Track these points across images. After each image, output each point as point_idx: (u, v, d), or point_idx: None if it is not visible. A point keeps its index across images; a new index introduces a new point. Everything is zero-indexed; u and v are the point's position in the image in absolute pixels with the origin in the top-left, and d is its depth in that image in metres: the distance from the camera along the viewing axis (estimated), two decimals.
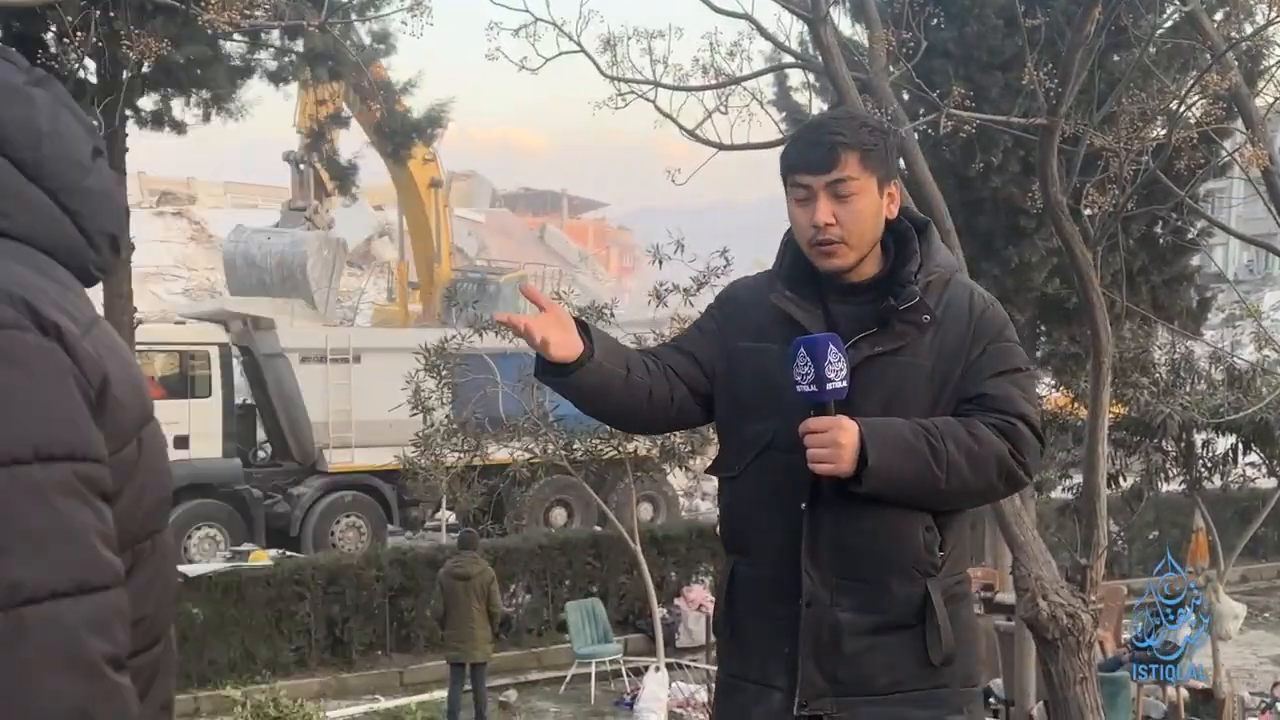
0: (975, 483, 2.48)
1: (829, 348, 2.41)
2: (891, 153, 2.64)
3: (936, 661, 2.50)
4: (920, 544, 2.50)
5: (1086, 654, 7.84)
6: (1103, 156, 8.23)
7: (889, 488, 2.43)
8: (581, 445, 10.68)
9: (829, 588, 2.51)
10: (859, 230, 2.54)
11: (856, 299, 2.61)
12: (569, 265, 41.44)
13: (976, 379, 2.55)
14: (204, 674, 12.74)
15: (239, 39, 10.63)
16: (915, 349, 2.54)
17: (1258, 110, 8.34)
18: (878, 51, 8.14)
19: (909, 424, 2.46)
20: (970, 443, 2.45)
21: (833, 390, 2.41)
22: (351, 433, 17.51)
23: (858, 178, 2.52)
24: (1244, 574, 16.06)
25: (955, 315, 2.57)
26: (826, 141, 2.54)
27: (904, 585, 2.51)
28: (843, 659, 2.50)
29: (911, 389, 2.54)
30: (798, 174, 2.56)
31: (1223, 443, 12.63)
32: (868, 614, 2.51)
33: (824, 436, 2.41)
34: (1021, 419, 2.52)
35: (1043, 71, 7.05)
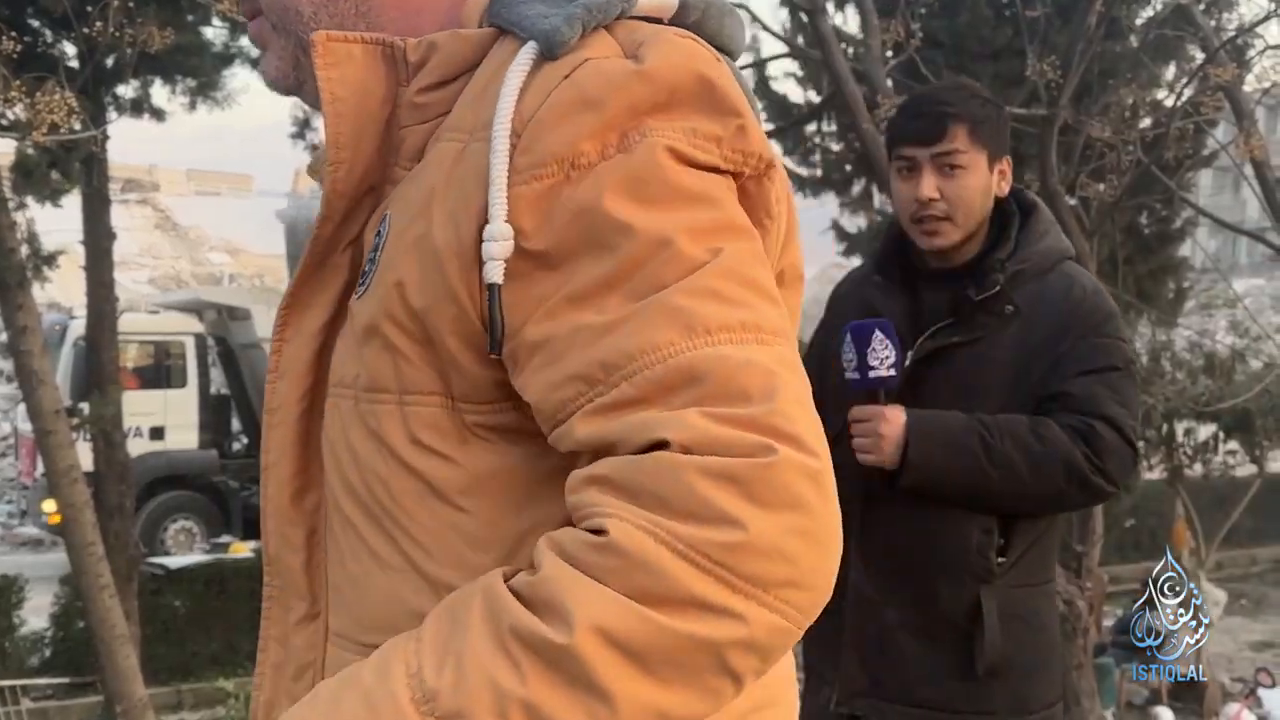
0: (1035, 486, 2.31)
1: (874, 333, 2.31)
2: (1004, 126, 2.51)
3: (980, 671, 2.34)
4: (973, 546, 2.36)
5: (1082, 640, 7.94)
6: (1094, 146, 8.31)
7: (932, 483, 2.31)
8: None
9: (877, 586, 2.42)
10: (965, 207, 2.42)
11: (947, 285, 2.47)
12: None
13: (1061, 375, 2.37)
14: (187, 666, 12.63)
15: (218, 24, 10.52)
16: (995, 341, 2.39)
17: (1249, 101, 8.41)
18: (874, 42, 8.16)
19: (966, 418, 2.33)
20: (1032, 441, 2.30)
21: (877, 379, 2.31)
22: None
23: (966, 151, 2.40)
24: (1220, 561, 16.24)
25: (1047, 307, 2.41)
26: (934, 112, 2.42)
27: (954, 589, 2.37)
28: (885, 661, 2.41)
29: (986, 383, 2.40)
30: (903, 145, 2.45)
31: (1204, 431, 12.80)
32: (915, 616, 2.41)
33: (867, 426, 2.33)
34: (1105, 421, 2.33)
35: (1045, 63, 7.08)
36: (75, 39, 8.32)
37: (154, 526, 16.10)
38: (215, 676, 11.62)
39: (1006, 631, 2.35)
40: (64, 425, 9.01)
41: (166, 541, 16.31)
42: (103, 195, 10.10)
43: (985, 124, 2.43)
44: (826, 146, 14.09)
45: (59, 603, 12.30)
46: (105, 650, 9.23)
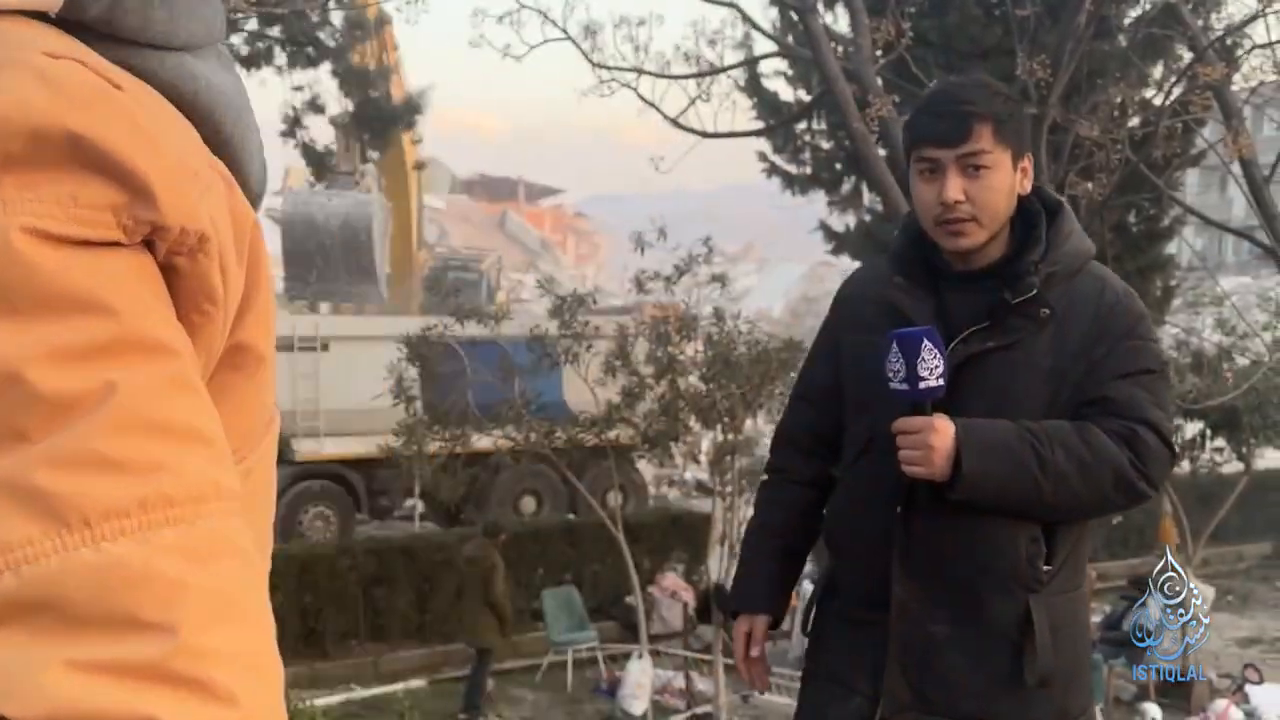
0: (1086, 494, 2.29)
1: (923, 343, 2.24)
2: (1026, 124, 2.47)
3: (1031, 682, 2.31)
4: (1022, 556, 2.32)
5: None
6: (1082, 145, 8.34)
7: (985, 495, 2.26)
8: (563, 433, 10.67)
9: (921, 599, 2.37)
10: (991, 208, 2.35)
11: (974, 287, 2.41)
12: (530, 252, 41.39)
13: (1099, 380, 2.33)
14: None
15: None
16: (1031, 346, 2.34)
17: (1237, 100, 8.45)
18: (863, 41, 8.19)
19: (1015, 427, 2.27)
20: (1083, 451, 2.26)
21: (927, 389, 2.25)
22: (319, 422, 17.37)
23: (991, 151, 2.33)
24: (1206, 558, 16.31)
25: (1081, 310, 2.36)
26: (958, 112, 2.34)
27: (1002, 600, 2.33)
28: (931, 675, 2.36)
29: (1024, 389, 2.34)
30: (925, 147, 2.37)
31: (1191, 428, 12.85)
32: (962, 628, 2.35)
33: (916, 438, 2.26)
34: (1147, 425, 2.30)
35: (1035, 62, 7.11)
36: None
37: None
38: None
39: (1054, 641, 2.32)
40: None
41: None
42: None
43: (1009, 122, 2.37)
44: (816, 145, 14.12)
45: None
46: None
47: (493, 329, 10.67)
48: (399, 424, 10.71)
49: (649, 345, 11.06)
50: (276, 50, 10.93)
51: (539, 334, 10.76)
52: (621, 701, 11.63)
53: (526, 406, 10.39)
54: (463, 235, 43.14)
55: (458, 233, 43.88)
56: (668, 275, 10.56)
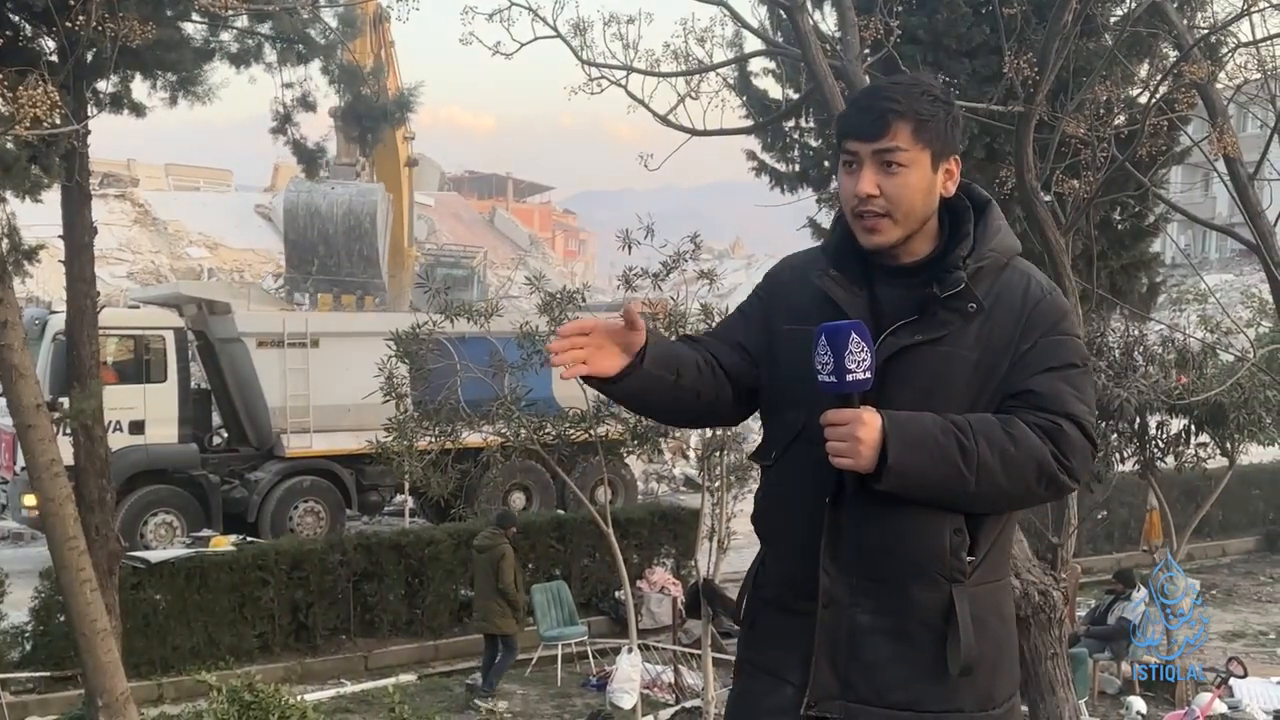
0: (1009, 486, 2.31)
1: (851, 336, 2.25)
2: (952, 126, 2.43)
3: (954, 671, 2.34)
4: (946, 546, 2.35)
5: (1057, 630, 8.02)
6: (1069, 143, 8.41)
7: (910, 487, 2.28)
8: (553, 429, 10.72)
9: (848, 588, 2.39)
10: (905, 205, 2.36)
11: (904, 282, 2.43)
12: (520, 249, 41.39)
13: (1024, 374, 2.36)
14: (167, 660, 12.65)
15: (198, 19, 10.51)
16: (959, 339, 2.36)
17: (1222, 98, 8.54)
18: (851, 39, 8.25)
19: (940, 420, 2.29)
20: (1006, 443, 2.28)
21: (854, 382, 2.26)
22: (309, 418, 17.39)
23: (908, 149, 2.34)
24: (1190, 552, 16.42)
25: (1007, 304, 2.39)
26: (878, 108, 2.36)
27: (926, 590, 2.36)
28: (857, 664, 2.39)
29: (952, 382, 2.36)
30: (847, 140, 2.40)
31: (1176, 424, 12.92)
32: (887, 618, 2.38)
33: (843, 430, 2.26)
34: (1070, 419, 2.33)
35: (1023, 60, 7.17)
36: (56, 33, 8.31)
37: (134, 521, 16.09)
38: (196, 670, 11.62)
39: (976, 630, 2.35)
40: (45, 419, 9.01)
41: (147, 535, 16.31)
42: (83, 190, 10.09)
43: (930, 122, 2.37)
44: (805, 142, 14.18)
45: (39, 597, 12.29)
46: (86, 645, 9.23)
47: (483, 325, 10.70)
48: (390, 420, 10.74)
49: None
50: (266, 47, 10.92)
51: (529, 330, 10.80)
52: (611, 695, 11.69)
53: (516, 403, 10.44)
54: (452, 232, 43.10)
55: (447, 229, 43.84)
56: (656, 272, 10.61)
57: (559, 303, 10.53)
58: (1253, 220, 8.90)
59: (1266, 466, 20.21)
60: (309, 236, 21.75)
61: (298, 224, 22.02)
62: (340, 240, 21.45)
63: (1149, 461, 12.93)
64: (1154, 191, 9.80)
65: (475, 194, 61.94)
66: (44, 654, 12.28)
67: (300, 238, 21.98)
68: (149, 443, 16.51)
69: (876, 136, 2.35)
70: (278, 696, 8.76)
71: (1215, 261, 44.65)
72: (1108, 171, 7.91)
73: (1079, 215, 8.05)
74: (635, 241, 10.58)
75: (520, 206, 64.37)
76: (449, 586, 14.35)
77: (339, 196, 21.58)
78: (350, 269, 21.68)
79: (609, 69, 9.39)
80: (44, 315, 17.18)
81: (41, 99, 5.35)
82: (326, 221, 21.42)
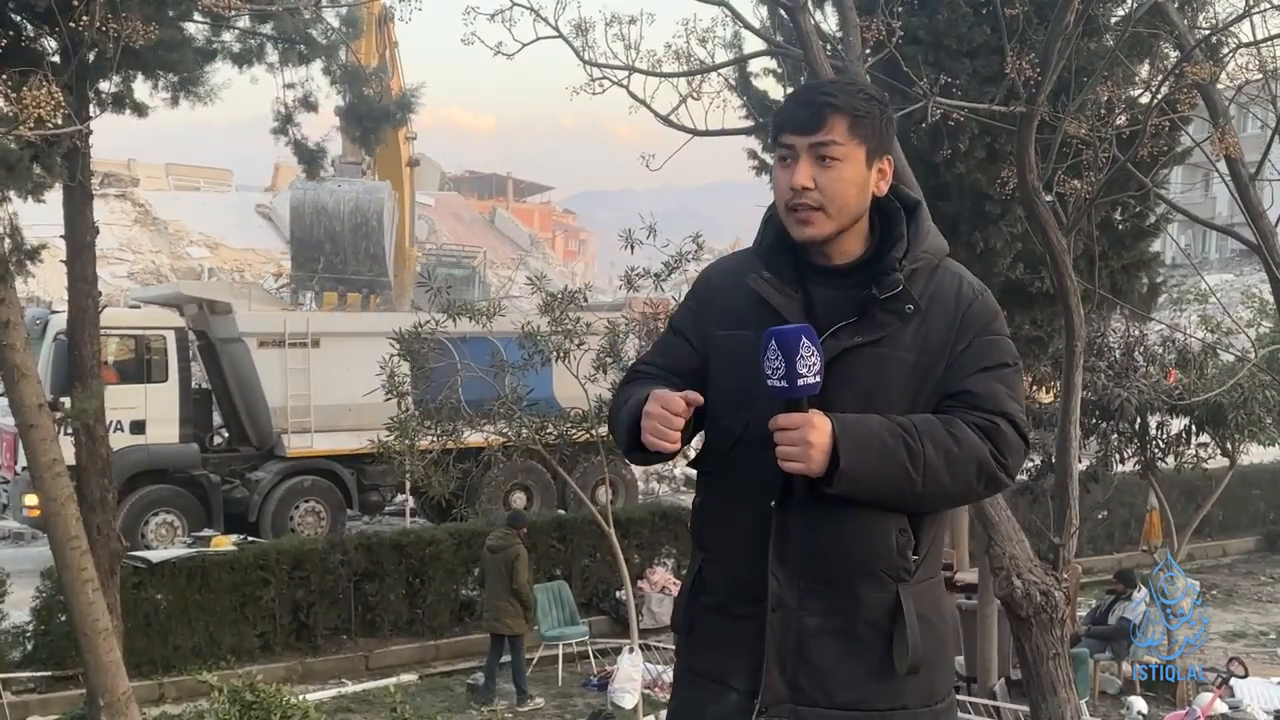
0: (953, 486, 2.35)
1: (801, 340, 2.26)
2: (887, 125, 2.47)
3: (901, 670, 2.38)
4: (893, 547, 2.38)
5: (1059, 630, 8.03)
6: (1069, 143, 8.41)
7: (861, 490, 2.30)
8: (555, 429, 10.73)
9: (796, 591, 2.40)
10: (839, 199, 2.39)
11: (839, 283, 2.45)
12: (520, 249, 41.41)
13: (960, 374, 2.40)
14: (169, 660, 12.67)
15: (200, 20, 10.50)
16: (897, 340, 2.39)
17: (1223, 99, 8.54)
18: (852, 39, 8.24)
19: (886, 422, 2.32)
20: (950, 444, 2.32)
21: (805, 386, 2.27)
22: (310, 417, 17.40)
23: (843, 143, 2.38)
24: (1191, 552, 16.45)
25: (941, 305, 2.43)
26: (816, 102, 2.40)
27: (874, 590, 2.39)
28: (807, 666, 2.40)
29: (891, 383, 2.39)
30: (783, 133, 2.42)
31: (1176, 424, 12.94)
32: (835, 619, 2.40)
33: (794, 434, 2.27)
34: (1005, 418, 2.38)
35: (1024, 61, 7.17)
36: (58, 34, 8.31)
37: (135, 520, 16.10)
38: (197, 669, 11.63)
39: (921, 628, 2.39)
40: (47, 419, 9.02)
41: (148, 535, 16.32)
42: (85, 190, 10.09)
43: (866, 119, 2.40)
44: None
45: (40, 597, 12.31)
46: (87, 644, 9.23)
47: (484, 325, 10.71)
48: (392, 419, 10.75)
49: (639, 341, 11.11)
50: (269, 47, 10.92)
51: (530, 330, 10.81)
52: (613, 695, 11.71)
53: (518, 402, 10.45)
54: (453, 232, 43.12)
55: (448, 229, 43.86)
56: (657, 272, 10.62)
57: (560, 303, 10.53)
58: (1254, 221, 8.90)
59: (1267, 466, 20.24)
60: (315, 234, 21.70)
61: (304, 221, 21.96)
62: (347, 238, 21.41)
63: (1149, 461, 12.95)
64: (1155, 192, 9.79)
65: (475, 194, 61.96)
66: (45, 654, 12.29)
67: (306, 235, 21.92)
68: (150, 442, 16.53)
69: (813, 129, 2.38)
70: (279, 696, 8.77)
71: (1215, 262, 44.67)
72: (1109, 172, 7.91)
73: (1081, 216, 8.05)
74: (638, 241, 10.59)
75: (520, 206, 64.36)
76: (450, 586, 14.36)
77: (346, 194, 21.56)
78: (356, 267, 21.64)
79: (611, 69, 9.38)
80: (45, 315, 17.17)
81: (46, 99, 5.37)
82: (334, 219, 21.38)
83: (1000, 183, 9.45)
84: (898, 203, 2.50)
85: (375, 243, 21.37)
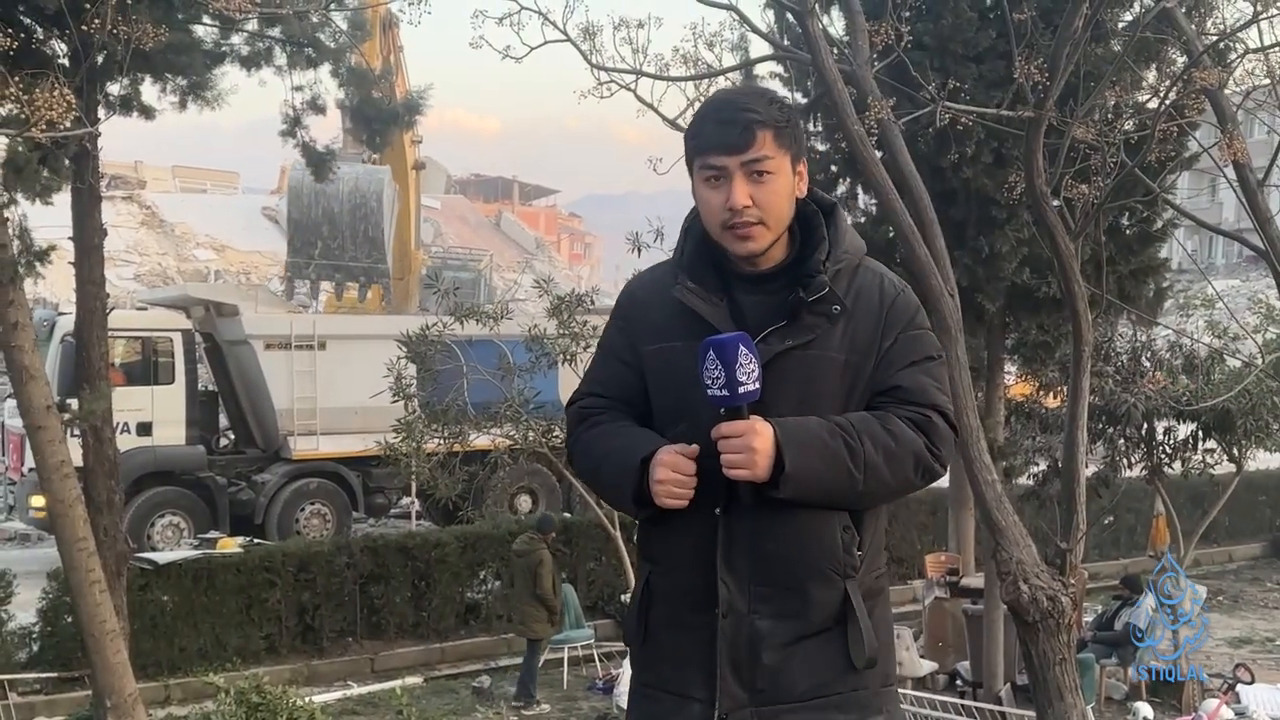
0: (893, 480, 2.40)
1: (739, 349, 2.28)
2: (801, 129, 2.52)
3: (859, 665, 2.42)
4: (839, 545, 2.42)
5: (1065, 635, 8.03)
6: (1077, 148, 8.41)
7: (807, 491, 2.33)
8: (562, 432, 10.73)
9: (746, 595, 2.41)
10: (776, 211, 2.42)
11: (764, 288, 2.47)
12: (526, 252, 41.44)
13: (889, 370, 2.46)
14: (174, 662, 12.68)
15: (209, 23, 10.53)
16: (826, 341, 2.43)
17: (1230, 104, 8.54)
18: (860, 43, 8.25)
19: (825, 423, 2.36)
20: (888, 440, 2.37)
21: (746, 393, 2.29)
22: (316, 420, 17.43)
23: (773, 156, 2.40)
24: (1196, 558, 16.43)
25: (866, 304, 2.47)
26: (741, 120, 2.39)
27: (823, 589, 2.42)
28: (762, 669, 2.41)
29: (824, 383, 2.43)
30: (710, 154, 2.41)
31: (1183, 430, 12.93)
32: (787, 621, 2.42)
33: (738, 442, 2.29)
34: (936, 410, 2.44)
35: (1033, 65, 7.17)
36: (68, 36, 8.34)
37: (141, 522, 16.13)
38: (203, 671, 11.66)
39: (872, 621, 2.45)
40: (55, 421, 9.04)
41: (154, 537, 16.35)
42: (94, 192, 10.13)
43: (786, 128, 2.43)
44: (812, 147, 14.18)
45: (46, 598, 12.33)
46: (95, 645, 9.26)
47: (491, 328, 10.73)
48: (399, 420, 10.77)
49: None
50: (277, 50, 10.95)
51: (537, 334, 10.82)
52: (618, 698, 11.69)
53: (525, 405, 10.46)
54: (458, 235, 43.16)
55: (453, 232, 43.90)
56: None
57: (568, 306, 10.55)
58: (1262, 226, 8.90)
59: (1274, 473, 20.21)
60: (313, 215, 21.64)
61: (302, 202, 21.86)
62: (345, 219, 21.37)
63: (1156, 467, 12.95)
64: (1163, 197, 9.79)
65: (481, 197, 61.99)
66: (51, 655, 12.32)
67: (304, 216, 21.84)
68: (156, 444, 16.57)
69: (744, 148, 2.39)
70: (286, 698, 8.78)
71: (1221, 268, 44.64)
72: (1118, 177, 7.91)
73: (1089, 221, 8.05)
74: (645, 245, 10.59)
75: (525, 210, 64.42)
76: (455, 589, 14.38)
77: (345, 174, 21.56)
78: (354, 252, 21.60)
79: (619, 73, 9.39)
80: (52, 317, 17.22)
81: (57, 102, 5.39)
82: (332, 199, 21.33)
83: (1007, 187, 9.44)
84: (814, 205, 2.53)
85: (374, 225, 21.31)
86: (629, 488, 2.43)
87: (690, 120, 2.57)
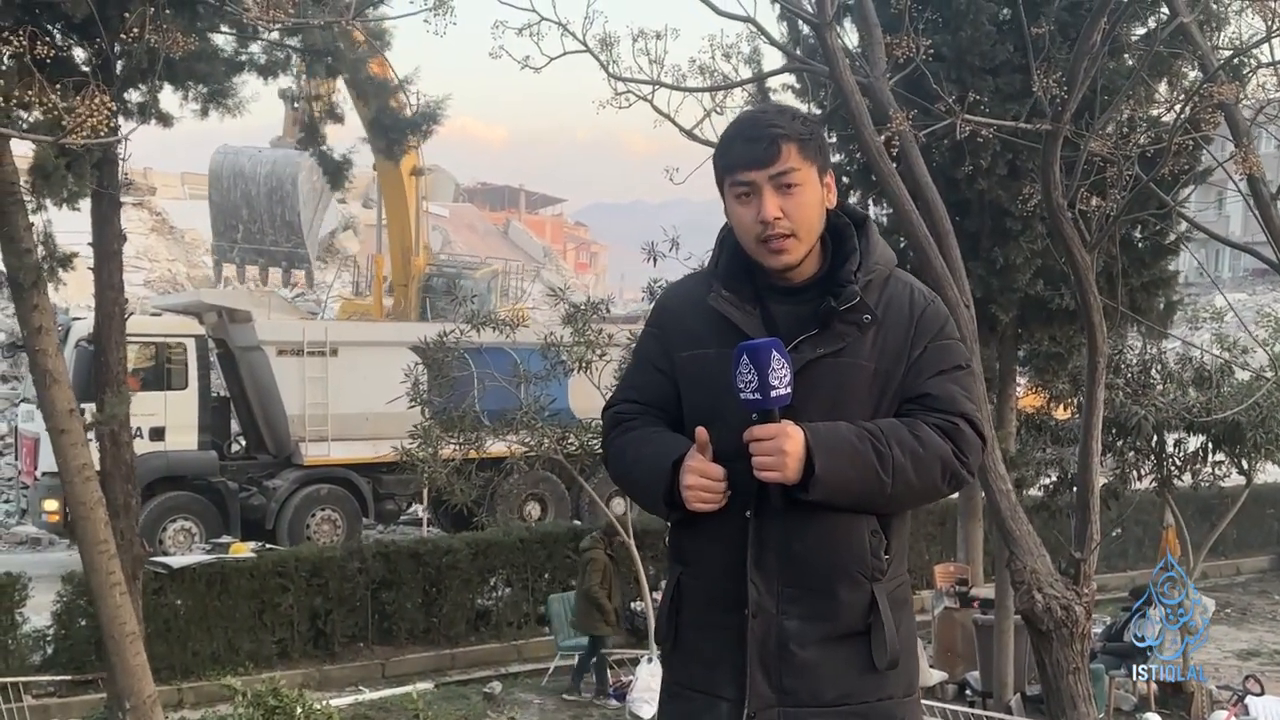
0: (920, 485, 2.45)
1: (772, 354, 2.34)
2: (825, 142, 2.59)
3: (881, 666, 2.47)
4: (866, 548, 2.47)
5: (1079, 645, 8.09)
6: (1091, 161, 8.48)
7: (836, 494, 2.38)
8: (576, 439, 10.82)
9: (775, 596, 2.47)
10: (806, 222, 2.49)
11: (796, 299, 2.55)
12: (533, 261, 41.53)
13: (919, 378, 2.51)
14: (187, 666, 12.74)
15: (227, 31, 10.61)
16: (857, 350, 2.49)
17: (1244, 118, 8.61)
18: (877, 56, 8.33)
19: (854, 428, 2.42)
20: (915, 445, 2.43)
21: (777, 397, 2.35)
22: (328, 426, 17.50)
23: (800, 168, 2.47)
24: (1205, 570, 16.45)
25: (896, 314, 2.54)
26: (767, 135, 2.47)
27: (851, 591, 2.47)
28: (790, 669, 2.46)
29: (854, 391, 2.49)
30: (739, 171, 2.50)
31: (1193, 442, 12.97)
32: (815, 622, 2.47)
33: (770, 444, 2.36)
34: (964, 418, 2.50)
35: (1051, 79, 7.25)
36: (97, 44, 8.42)
37: (153, 526, 16.19)
38: (216, 675, 11.71)
39: (896, 624, 2.49)
40: (77, 424, 9.11)
41: (165, 541, 16.41)
42: (113, 198, 10.21)
43: (811, 140, 2.51)
44: None
45: (60, 601, 12.38)
46: (114, 647, 9.32)
47: (508, 335, 10.81)
48: (415, 426, 10.84)
49: None
50: (294, 59, 11.04)
51: (553, 341, 10.90)
52: (631, 705, 11.75)
53: (539, 413, 10.53)
54: (466, 243, 43.26)
55: (462, 240, 44.02)
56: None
57: (583, 314, 10.62)
58: (1275, 240, 8.96)
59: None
60: (232, 199, 22.02)
61: (222, 185, 22.27)
62: (263, 203, 21.66)
63: (1166, 479, 12.99)
64: (1178, 210, 9.85)
65: (488, 205, 62.15)
66: (65, 658, 12.37)
67: (224, 200, 22.24)
68: (169, 449, 16.64)
69: (770, 162, 2.46)
70: (302, 701, 8.82)
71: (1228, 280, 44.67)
72: (1134, 190, 7.98)
73: (1104, 233, 8.12)
74: (660, 254, 10.67)
75: (532, 218, 64.57)
76: (466, 595, 14.43)
77: (264, 159, 21.86)
78: (274, 236, 21.87)
79: (637, 83, 9.47)
80: (66, 322, 17.29)
81: (99, 108, 5.49)
82: (250, 183, 21.64)
83: (1021, 199, 9.52)
84: (846, 218, 2.60)
85: (290, 209, 21.53)
86: (660, 490, 2.50)
87: (717, 142, 2.65)
